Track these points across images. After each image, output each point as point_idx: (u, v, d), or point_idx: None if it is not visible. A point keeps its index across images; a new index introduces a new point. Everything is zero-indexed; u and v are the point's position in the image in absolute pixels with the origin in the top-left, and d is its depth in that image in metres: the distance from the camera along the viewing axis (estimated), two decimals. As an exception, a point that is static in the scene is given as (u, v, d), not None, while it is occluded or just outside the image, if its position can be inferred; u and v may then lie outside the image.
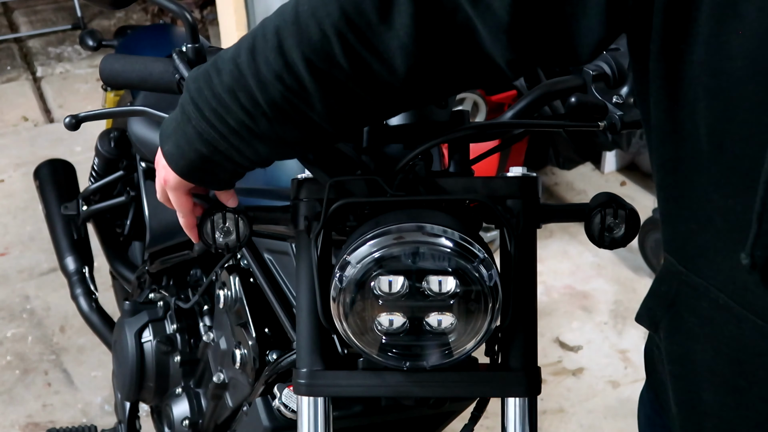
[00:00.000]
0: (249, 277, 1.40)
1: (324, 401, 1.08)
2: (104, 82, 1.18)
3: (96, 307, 2.17)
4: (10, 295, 2.95)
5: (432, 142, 1.06)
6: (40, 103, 4.27)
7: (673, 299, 0.91)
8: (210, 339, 1.57)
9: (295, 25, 0.85)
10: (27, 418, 2.45)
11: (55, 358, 2.66)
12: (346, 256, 0.98)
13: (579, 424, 2.42)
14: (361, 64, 0.85)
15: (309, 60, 0.85)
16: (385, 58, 0.85)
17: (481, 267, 0.98)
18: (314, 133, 0.93)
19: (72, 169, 2.35)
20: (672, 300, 0.91)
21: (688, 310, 0.88)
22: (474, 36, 0.82)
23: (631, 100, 1.14)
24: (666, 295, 0.92)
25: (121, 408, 1.98)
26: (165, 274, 1.85)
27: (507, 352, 1.08)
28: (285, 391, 1.28)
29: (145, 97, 1.86)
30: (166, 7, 1.15)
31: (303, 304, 1.07)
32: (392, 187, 1.06)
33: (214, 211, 1.06)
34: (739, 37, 0.70)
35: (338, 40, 0.84)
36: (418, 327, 1.00)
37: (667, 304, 0.92)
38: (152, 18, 4.90)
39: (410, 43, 0.83)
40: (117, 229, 2.17)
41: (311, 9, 0.84)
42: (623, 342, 2.70)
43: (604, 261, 3.05)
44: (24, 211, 3.38)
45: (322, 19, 0.83)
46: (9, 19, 5.17)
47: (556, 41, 0.81)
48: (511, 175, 1.08)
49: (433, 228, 0.98)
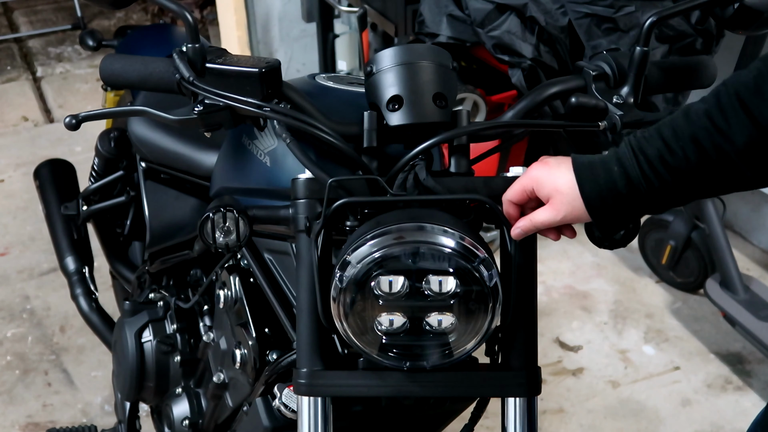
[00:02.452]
0: (249, 277, 1.40)
1: (324, 401, 1.08)
2: (104, 82, 1.18)
3: (96, 307, 2.16)
4: (10, 295, 2.95)
5: (432, 141, 1.06)
6: (40, 103, 4.27)
7: None
8: (210, 339, 1.57)
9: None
10: (27, 418, 2.45)
11: (55, 358, 2.66)
12: (346, 256, 0.98)
13: (579, 424, 2.42)
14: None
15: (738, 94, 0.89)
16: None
17: (482, 267, 0.98)
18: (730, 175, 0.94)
19: (72, 169, 2.35)
20: None
21: None
22: None
23: (631, 100, 1.14)
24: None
25: (121, 408, 1.98)
26: (165, 274, 1.85)
27: (507, 352, 1.09)
28: (285, 391, 1.28)
29: (145, 97, 1.86)
30: (166, 7, 1.15)
31: (303, 304, 1.07)
32: (392, 187, 1.06)
33: (214, 211, 1.06)
34: None
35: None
36: (418, 327, 1.00)
37: None
38: (152, 18, 4.90)
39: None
40: (117, 229, 2.16)
41: None
42: (623, 342, 2.70)
43: (604, 261, 3.05)
44: (24, 211, 3.38)
45: None
46: (9, 19, 5.17)
47: None
48: (511, 175, 1.08)
49: (434, 228, 0.98)
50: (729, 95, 0.91)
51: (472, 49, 2.71)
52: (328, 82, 1.30)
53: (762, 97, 0.88)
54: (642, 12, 2.37)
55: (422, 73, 1.09)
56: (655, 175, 0.95)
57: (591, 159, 0.99)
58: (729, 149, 0.91)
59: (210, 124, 1.11)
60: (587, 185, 0.98)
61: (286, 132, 1.12)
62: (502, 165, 2.77)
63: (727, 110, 0.91)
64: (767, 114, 0.88)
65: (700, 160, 0.92)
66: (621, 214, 0.99)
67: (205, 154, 1.61)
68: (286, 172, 1.18)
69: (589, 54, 2.40)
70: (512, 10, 2.46)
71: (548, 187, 1.00)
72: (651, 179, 0.95)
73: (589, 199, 0.98)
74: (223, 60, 1.11)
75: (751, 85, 0.89)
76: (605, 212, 0.98)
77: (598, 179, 0.97)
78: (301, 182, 1.08)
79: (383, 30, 2.88)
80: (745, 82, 0.90)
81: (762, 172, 0.93)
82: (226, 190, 1.37)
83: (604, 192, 0.96)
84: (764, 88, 0.88)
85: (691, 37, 2.41)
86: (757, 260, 3.05)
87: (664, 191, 0.96)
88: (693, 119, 0.93)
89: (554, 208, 1.00)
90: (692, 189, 0.95)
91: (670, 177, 0.94)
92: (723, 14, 1.13)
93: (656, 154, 0.94)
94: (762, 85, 0.88)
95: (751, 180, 0.94)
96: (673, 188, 0.95)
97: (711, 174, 0.93)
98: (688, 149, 0.93)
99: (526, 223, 1.02)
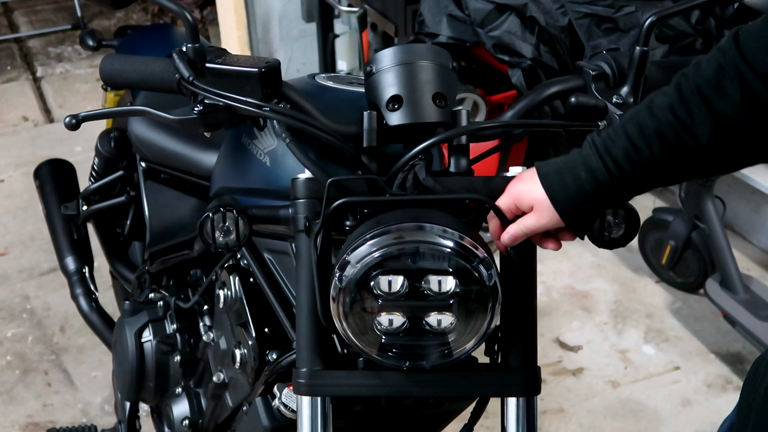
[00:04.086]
0: (249, 277, 1.40)
1: (324, 401, 1.08)
2: (104, 82, 1.18)
3: (96, 307, 2.16)
4: (10, 295, 2.95)
5: (431, 141, 1.06)
6: (40, 103, 4.27)
7: None
8: (210, 339, 1.57)
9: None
10: (27, 418, 2.45)
11: (55, 358, 2.66)
12: (345, 256, 0.98)
13: (579, 424, 2.42)
14: (751, 95, 0.88)
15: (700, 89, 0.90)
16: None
17: (481, 267, 0.98)
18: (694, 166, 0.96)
19: (72, 169, 2.35)
20: None
21: None
22: None
23: (631, 100, 1.14)
24: None
25: (121, 408, 1.98)
26: (165, 274, 1.85)
27: (507, 351, 1.09)
28: (285, 391, 1.28)
29: (145, 97, 1.86)
30: (166, 6, 1.15)
31: (303, 304, 1.07)
32: (392, 187, 1.06)
33: (214, 211, 1.06)
34: None
35: (735, 74, 0.88)
36: (417, 327, 1.00)
37: None
38: (152, 18, 4.90)
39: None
40: (117, 229, 2.16)
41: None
42: (623, 342, 2.70)
43: (604, 261, 3.05)
44: (24, 211, 3.38)
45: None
46: (9, 19, 5.17)
47: None
48: (511, 175, 1.08)
49: (433, 228, 0.98)
50: (691, 90, 0.92)
51: (472, 49, 2.71)
52: (328, 82, 1.30)
53: (722, 92, 0.90)
54: (642, 12, 2.37)
55: (422, 73, 1.09)
56: (621, 173, 0.97)
57: (556, 166, 1.01)
58: (693, 143, 0.92)
59: (210, 123, 1.11)
60: (558, 195, 1.00)
61: (285, 132, 1.12)
62: (502, 165, 2.77)
63: (690, 104, 0.92)
64: (728, 109, 0.89)
65: (666, 154, 0.94)
66: (591, 212, 1.02)
67: (205, 154, 1.61)
68: (286, 172, 1.18)
69: (589, 54, 2.40)
70: (512, 10, 2.46)
71: (526, 200, 1.03)
72: (618, 177, 0.97)
73: (563, 207, 1.00)
74: (223, 60, 1.11)
75: (711, 80, 0.91)
76: (577, 215, 1.01)
77: (568, 188, 0.99)
78: (300, 182, 1.08)
79: (383, 30, 2.88)
80: (705, 77, 0.91)
81: (725, 162, 0.95)
82: (226, 190, 1.37)
83: (576, 198, 0.99)
84: (724, 83, 0.89)
85: (691, 37, 2.41)
86: (757, 260, 3.05)
87: (630, 185, 0.98)
88: (657, 114, 0.94)
89: (537, 215, 1.02)
90: (657, 180, 0.98)
91: (637, 172, 0.96)
92: (723, 14, 1.14)
93: (623, 153, 0.96)
94: (722, 80, 0.89)
95: (714, 169, 0.98)
96: (639, 181, 0.98)
97: (676, 165, 0.95)
98: (654, 145, 0.94)
99: (516, 228, 1.04)
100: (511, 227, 1.05)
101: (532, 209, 1.02)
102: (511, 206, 1.05)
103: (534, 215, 1.02)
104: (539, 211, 1.01)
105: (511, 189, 1.05)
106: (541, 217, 1.01)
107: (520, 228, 1.04)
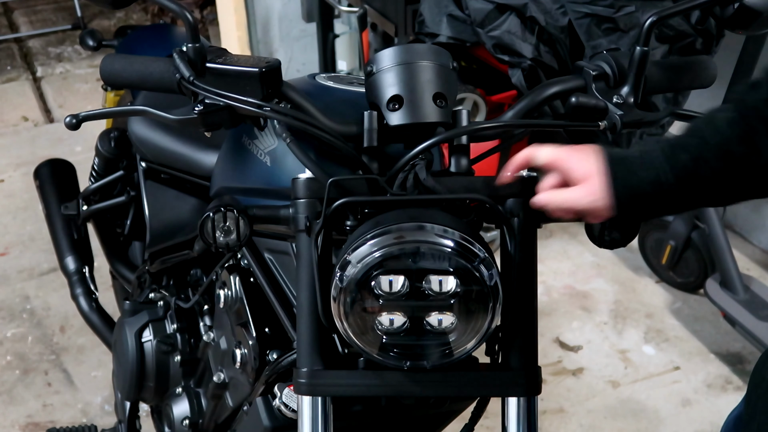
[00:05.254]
0: (249, 276, 1.40)
1: (324, 401, 1.08)
2: (104, 82, 1.18)
3: (96, 307, 2.16)
4: (10, 295, 2.95)
5: (432, 141, 1.06)
6: (40, 103, 4.27)
7: None
8: (210, 339, 1.57)
9: None
10: (27, 418, 2.45)
11: (55, 358, 2.66)
12: (346, 256, 0.98)
13: (579, 424, 2.42)
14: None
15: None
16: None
17: (482, 267, 0.98)
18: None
19: (72, 169, 2.35)
20: None
21: None
22: None
23: (631, 100, 1.14)
24: None
25: (121, 408, 1.98)
26: (165, 274, 1.85)
27: (507, 351, 1.09)
28: (285, 391, 1.28)
29: (145, 97, 1.86)
30: (166, 6, 1.15)
31: (303, 304, 1.07)
32: (392, 187, 1.06)
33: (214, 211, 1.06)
34: None
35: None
36: (418, 327, 1.00)
37: None
38: (152, 18, 4.90)
39: None
40: (117, 229, 2.16)
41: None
42: (623, 342, 2.70)
43: (604, 261, 3.05)
44: (24, 211, 3.38)
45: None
46: (9, 19, 5.17)
47: None
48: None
49: (434, 228, 0.98)
50: (750, 109, 0.94)
51: (472, 49, 2.71)
52: (328, 82, 1.30)
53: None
54: (642, 12, 2.37)
55: (422, 73, 1.09)
56: (684, 180, 0.97)
57: (623, 154, 1.00)
58: (756, 160, 0.94)
59: (210, 123, 1.11)
60: (619, 178, 0.98)
61: (286, 132, 1.12)
62: (502, 165, 2.76)
63: (751, 124, 0.94)
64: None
65: (729, 169, 0.95)
66: (643, 212, 1.01)
67: (205, 154, 1.61)
68: (286, 172, 1.18)
69: (589, 54, 2.40)
70: (512, 10, 2.46)
71: (579, 169, 1.00)
72: (678, 184, 0.97)
73: (620, 193, 0.99)
74: (223, 60, 1.11)
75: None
76: (630, 209, 1.00)
77: (630, 176, 0.98)
78: (301, 182, 1.08)
79: (383, 30, 2.88)
80: (764, 99, 0.93)
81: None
82: (226, 189, 1.37)
83: (634, 189, 0.98)
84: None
85: (691, 37, 2.41)
86: (757, 260, 3.05)
87: (691, 196, 0.98)
88: (720, 128, 0.95)
89: (585, 190, 1.00)
90: (717, 194, 0.98)
91: (699, 184, 0.97)
92: (723, 14, 1.14)
93: (688, 160, 0.96)
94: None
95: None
96: (699, 193, 0.98)
97: (739, 182, 0.96)
98: (717, 158, 0.95)
99: (552, 196, 1.02)
100: (547, 194, 1.03)
101: (580, 182, 1.00)
102: (559, 165, 1.02)
103: (581, 189, 1.00)
104: (589, 187, 0.99)
105: (564, 153, 1.02)
106: (588, 193, 0.99)
107: (558, 197, 1.02)
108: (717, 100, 2.79)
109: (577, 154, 1.02)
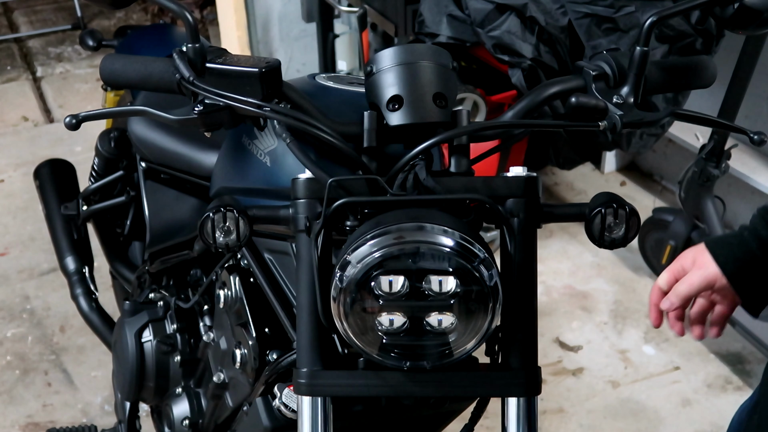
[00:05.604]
0: (249, 277, 1.40)
1: (324, 401, 1.08)
2: (104, 82, 1.18)
3: (96, 307, 2.16)
4: (10, 295, 2.95)
5: (432, 141, 1.06)
6: (40, 103, 4.27)
7: None
8: (210, 339, 1.57)
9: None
10: (27, 418, 2.45)
11: (55, 358, 2.66)
12: (346, 256, 0.98)
13: (579, 424, 2.42)
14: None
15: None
16: None
17: (482, 267, 0.98)
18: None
19: (72, 169, 2.35)
20: None
21: None
22: None
23: (631, 100, 1.14)
24: None
25: (121, 408, 1.98)
26: (165, 274, 1.85)
27: (507, 351, 1.09)
28: (285, 391, 1.28)
29: (145, 97, 1.86)
30: (166, 6, 1.15)
31: (303, 304, 1.07)
32: (392, 187, 1.06)
33: (214, 211, 1.06)
34: None
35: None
36: (418, 327, 1.00)
37: None
38: (152, 18, 4.90)
39: None
40: (117, 229, 2.16)
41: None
42: (623, 342, 2.70)
43: (604, 261, 3.05)
44: (24, 211, 3.38)
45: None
46: (9, 19, 5.17)
47: None
48: (512, 174, 1.08)
49: (434, 228, 0.98)
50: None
51: (472, 49, 2.71)
52: (328, 82, 1.30)
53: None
54: (642, 12, 2.37)
55: (422, 73, 1.09)
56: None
57: (719, 236, 1.16)
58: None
59: (210, 123, 1.11)
60: (720, 251, 1.13)
61: (286, 132, 1.12)
62: (502, 165, 2.77)
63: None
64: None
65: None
66: (756, 273, 1.13)
67: (205, 154, 1.61)
68: (286, 172, 1.18)
69: (589, 54, 2.40)
70: (512, 10, 2.46)
71: (689, 255, 1.18)
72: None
73: (723, 262, 1.12)
74: (223, 60, 1.11)
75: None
76: (742, 275, 1.11)
77: (731, 246, 1.13)
78: (301, 182, 1.08)
79: (383, 30, 2.88)
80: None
81: None
82: (226, 190, 1.37)
83: (738, 255, 1.11)
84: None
85: (691, 37, 2.41)
86: (757, 260, 3.05)
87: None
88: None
89: (699, 271, 1.15)
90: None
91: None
92: (723, 14, 1.14)
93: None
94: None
95: None
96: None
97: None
98: None
99: (678, 285, 1.19)
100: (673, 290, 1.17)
101: (694, 264, 1.14)
102: (676, 267, 1.16)
103: (696, 270, 1.13)
104: (701, 265, 1.13)
105: (675, 261, 1.18)
106: (701, 271, 1.13)
107: (683, 284, 1.15)
108: (717, 100, 2.80)
109: (685, 252, 1.18)
